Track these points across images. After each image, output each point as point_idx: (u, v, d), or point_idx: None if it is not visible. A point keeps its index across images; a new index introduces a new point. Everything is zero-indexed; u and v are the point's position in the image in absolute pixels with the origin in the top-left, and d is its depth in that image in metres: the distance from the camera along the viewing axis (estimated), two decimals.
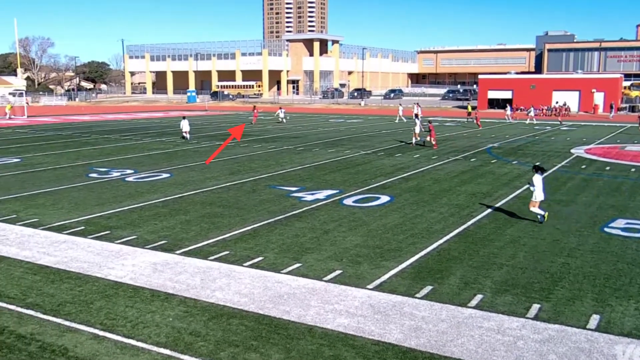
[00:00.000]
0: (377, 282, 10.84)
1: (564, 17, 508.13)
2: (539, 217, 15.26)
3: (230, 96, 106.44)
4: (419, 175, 22.86)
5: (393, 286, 10.61)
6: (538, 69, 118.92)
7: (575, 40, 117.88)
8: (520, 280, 10.95)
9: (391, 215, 16.13)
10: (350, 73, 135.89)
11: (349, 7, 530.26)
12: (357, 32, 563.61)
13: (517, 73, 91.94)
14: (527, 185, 16.18)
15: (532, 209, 15.32)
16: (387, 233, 14.24)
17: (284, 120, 53.15)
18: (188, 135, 37.23)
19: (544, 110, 65.20)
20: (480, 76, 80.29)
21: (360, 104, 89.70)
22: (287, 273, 11.31)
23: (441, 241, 13.54)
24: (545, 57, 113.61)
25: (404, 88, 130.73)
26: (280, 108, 55.26)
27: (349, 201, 17.93)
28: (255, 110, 54.38)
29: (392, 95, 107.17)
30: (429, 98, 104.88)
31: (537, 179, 15.13)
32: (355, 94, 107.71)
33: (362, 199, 18.24)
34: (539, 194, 15.11)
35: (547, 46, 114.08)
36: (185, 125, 37.13)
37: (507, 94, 73.28)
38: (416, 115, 39.40)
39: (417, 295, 10.18)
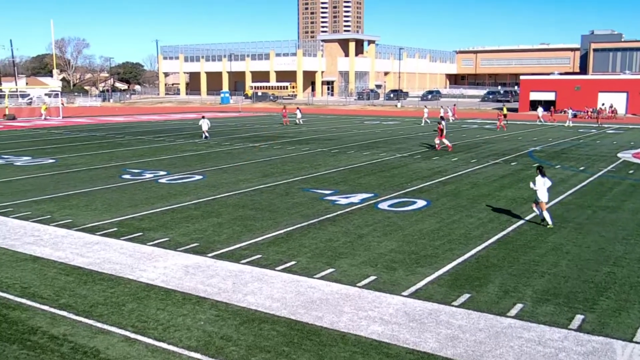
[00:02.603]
0: (413, 288, 10.76)
1: (611, 16, 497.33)
2: (538, 215, 15.42)
3: (271, 97, 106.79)
4: (457, 179, 22.63)
5: (429, 293, 10.52)
6: (583, 69, 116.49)
7: (622, 40, 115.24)
8: (562, 289, 10.73)
9: (427, 220, 16.00)
10: (386, 74, 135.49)
11: (385, 7, 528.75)
12: (394, 32, 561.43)
13: (560, 74, 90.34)
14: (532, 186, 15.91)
15: (542, 211, 15.25)
16: (424, 238, 14.13)
17: (301, 121, 53.28)
18: (207, 134, 38.35)
19: (589, 113, 63.85)
20: (522, 77, 79.14)
21: (396, 106, 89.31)
22: (320, 278, 11.31)
23: (479, 248, 13.37)
24: (591, 57, 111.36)
25: (442, 89, 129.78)
26: (298, 108, 55.39)
27: (384, 205, 17.85)
28: (285, 111, 54.67)
29: (429, 96, 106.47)
30: (468, 100, 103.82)
31: (539, 180, 15.18)
32: (392, 95, 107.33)
33: (397, 203, 18.14)
34: (542, 195, 15.12)
35: (593, 46, 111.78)
36: (204, 125, 38.34)
37: (550, 96, 72.07)
38: (442, 118, 38.89)
39: (454, 303, 10.07)
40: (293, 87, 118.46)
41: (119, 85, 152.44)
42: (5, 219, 16.02)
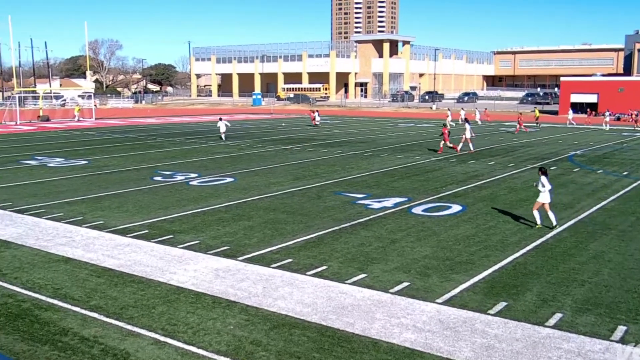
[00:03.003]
0: (447, 296, 10.66)
1: None
2: (539, 220, 15.44)
3: (311, 99, 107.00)
4: (494, 184, 22.36)
5: (464, 301, 10.41)
6: (627, 70, 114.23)
7: None
8: (604, 299, 10.51)
9: (463, 225, 15.84)
10: (421, 75, 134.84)
11: (421, 6, 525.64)
12: (430, 32, 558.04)
13: (603, 75, 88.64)
14: (535, 184, 15.78)
15: (534, 210, 15.45)
16: (459, 244, 13.99)
17: (319, 123, 53.90)
18: (224, 136, 39.97)
19: (633, 115, 62.42)
20: (562, 78, 77.93)
21: (431, 108, 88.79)
22: (352, 283, 11.29)
23: (517, 255, 13.18)
24: (635, 57, 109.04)
25: (478, 91, 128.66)
26: (317, 111, 56.44)
27: (418, 210, 17.74)
28: (312, 114, 55.28)
29: (465, 98, 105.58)
30: (506, 102, 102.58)
31: (545, 181, 15.20)
32: (427, 97, 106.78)
33: (432, 208, 18.01)
34: (544, 196, 15.14)
35: (638, 46, 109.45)
36: (222, 126, 40.35)
37: (592, 98, 70.76)
38: (466, 120, 38.43)
39: (490, 311, 9.94)
40: (326, 89, 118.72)
41: (151, 86, 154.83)
42: (39, 220, 16.39)
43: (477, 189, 21.37)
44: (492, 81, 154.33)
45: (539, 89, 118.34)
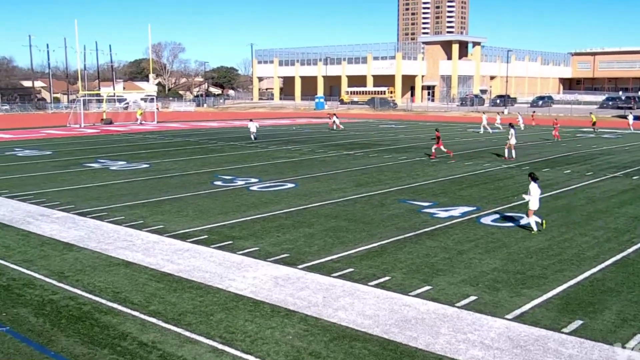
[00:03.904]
0: (517, 312, 10.41)
1: None
2: (535, 226, 15.72)
3: (391, 104, 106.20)
4: (570, 194, 21.72)
5: (536, 318, 10.14)
6: None
7: None
8: None
9: (535, 237, 15.45)
10: (492, 78, 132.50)
11: (493, 6, 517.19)
12: (502, 33, 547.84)
13: None
14: (524, 195, 16.26)
15: (529, 217, 15.79)
16: (530, 257, 13.65)
17: (340, 126, 55.07)
18: (253, 136, 42.98)
19: None
20: None
21: (503, 112, 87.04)
22: (416, 296, 11.18)
23: (594, 270, 12.75)
24: None
25: (554, 94, 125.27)
26: (334, 114, 57.75)
27: (487, 220, 17.42)
28: (334, 117, 56.70)
29: (540, 102, 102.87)
30: (584, 106, 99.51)
31: (534, 187, 15.65)
32: (498, 101, 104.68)
33: (502, 218, 17.65)
34: (534, 203, 15.63)
35: None
36: (252, 127, 43.45)
37: None
38: (511, 125, 37.14)
39: (564, 330, 9.65)
40: (391, 92, 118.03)
41: (213, 90, 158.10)
42: (100, 223, 16.97)
43: (552, 198, 20.81)
44: (569, 84, 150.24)
45: (620, 93, 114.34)
